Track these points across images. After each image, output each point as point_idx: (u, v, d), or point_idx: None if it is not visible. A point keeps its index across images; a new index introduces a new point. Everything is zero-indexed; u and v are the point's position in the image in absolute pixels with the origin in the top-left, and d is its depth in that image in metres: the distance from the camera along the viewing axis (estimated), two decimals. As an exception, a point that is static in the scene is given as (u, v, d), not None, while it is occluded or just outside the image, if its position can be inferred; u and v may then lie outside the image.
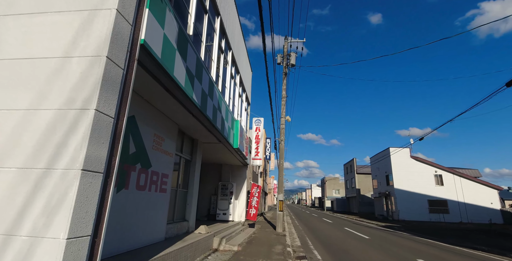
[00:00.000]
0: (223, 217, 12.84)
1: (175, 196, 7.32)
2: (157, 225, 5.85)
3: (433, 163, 26.89)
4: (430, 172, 26.67)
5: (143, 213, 5.25)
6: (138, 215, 5.06)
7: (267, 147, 31.44)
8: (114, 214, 4.31)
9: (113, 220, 4.30)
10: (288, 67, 16.42)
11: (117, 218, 4.40)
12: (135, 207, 4.96)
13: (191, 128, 7.43)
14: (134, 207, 4.92)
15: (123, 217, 4.57)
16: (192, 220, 8.05)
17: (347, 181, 47.35)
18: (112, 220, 4.27)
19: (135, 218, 4.94)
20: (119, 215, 4.46)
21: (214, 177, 14.17)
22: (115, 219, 4.34)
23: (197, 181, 8.52)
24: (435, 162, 27.27)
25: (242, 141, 10.94)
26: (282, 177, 14.53)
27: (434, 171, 26.50)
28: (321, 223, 21.00)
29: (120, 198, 4.48)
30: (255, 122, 14.76)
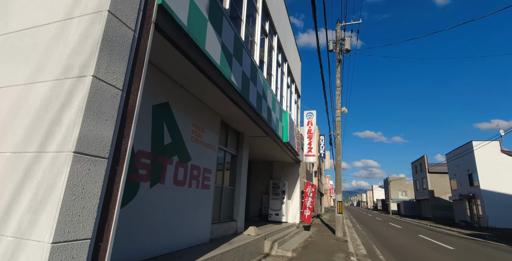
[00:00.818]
0: (275, 217, 12.01)
1: (221, 193, 6.75)
2: (200, 224, 5.29)
3: (534, 159, 21.55)
4: (530, 170, 21.48)
5: (183, 211, 4.72)
6: (177, 213, 4.54)
7: (321, 145, 29.65)
8: (147, 212, 3.83)
9: (146, 219, 3.81)
10: (342, 53, 14.82)
11: (150, 216, 3.91)
12: (172, 204, 4.44)
13: (235, 120, 6.78)
14: (171, 204, 4.41)
15: (158, 215, 4.08)
16: (240, 220, 7.40)
17: (417, 181, 41.93)
18: (145, 218, 3.78)
19: (173, 216, 4.43)
20: (153, 213, 3.96)
21: (265, 175, 13.45)
22: (148, 217, 3.86)
23: (244, 178, 7.86)
24: (536, 158, 21.83)
25: (293, 135, 9.96)
26: (340, 175, 13.04)
27: (535, 169, 21.24)
28: (388, 228, 18.56)
29: (154, 193, 3.99)
30: (306, 116, 13.59)
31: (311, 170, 25.53)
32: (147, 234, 3.82)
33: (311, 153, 13.04)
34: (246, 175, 8.01)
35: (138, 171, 3.68)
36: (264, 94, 6.77)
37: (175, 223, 4.48)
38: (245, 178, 7.95)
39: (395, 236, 13.90)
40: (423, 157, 38.52)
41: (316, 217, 24.74)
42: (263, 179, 13.40)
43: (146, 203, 3.81)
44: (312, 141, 13.18)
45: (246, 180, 7.99)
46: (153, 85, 4.07)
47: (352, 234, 13.54)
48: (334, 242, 10.00)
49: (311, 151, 13.04)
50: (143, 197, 3.75)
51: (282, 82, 10.24)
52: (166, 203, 4.26)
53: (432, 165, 36.76)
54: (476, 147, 22.60)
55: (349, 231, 15.09)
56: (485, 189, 21.90)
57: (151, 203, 3.92)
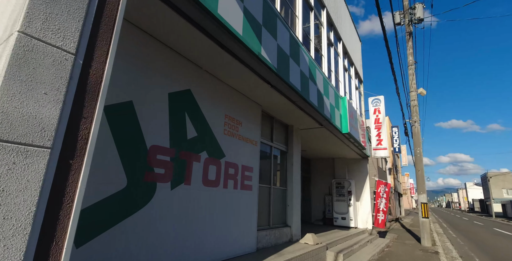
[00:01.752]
0: (342, 222, 10.50)
1: (269, 194, 5.88)
2: (243, 232, 4.52)
3: None
4: None
5: (218, 216, 4.02)
6: (209, 219, 3.86)
7: (395, 138, 26.06)
8: (168, 218, 3.22)
9: (169, 226, 3.20)
10: (413, 24, 12.36)
11: (175, 223, 3.30)
12: (203, 208, 3.78)
13: (279, 109, 5.84)
14: (202, 208, 3.75)
15: (185, 221, 3.44)
16: (296, 225, 6.39)
17: (529, 178, 33.26)
18: (167, 226, 3.18)
19: (204, 223, 3.75)
20: (178, 219, 3.35)
21: (326, 174, 12.03)
22: (172, 224, 3.25)
23: (297, 176, 6.82)
24: None
25: (355, 125, 8.44)
26: (422, 171, 10.71)
27: None
28: (494, 236, 14.74)
29: (177, 196, 3.38)
30: (372, 103, 11.67)
31: (384, 166, 22.53)
32: (171, 243, 3.21)
33: (381, 146, 11.07)
34: (299, 174, 6.96)
35: (153, 169, 3.11)
36: (312, 76, 5.65)
37: (208, 230, 3.80)
38: (299, 177, 6.91)
39: (506, 247, 10.71)
40: (537, 146, 30.28)
41: (395, 221, 21.62)
42: (324, 178, 12.01)
43: (166, 208, 3.21)
44: (381, 132, 11.20)
45: (299, 179, 6.94)
46: (168, 70, 3.48)
47: (444, 243, 10.98)
48: (421, 254, 8.05)
49: (380, 144, 11.07)
50: (162, 200, 3.16)
51: (337, 64, 8.83)
52: (193, 207, 3.61)
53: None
54: None
55: (440, 238, 12.37)
56: None
57: (173, 207, 3.30)
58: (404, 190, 37.56)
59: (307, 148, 10.08)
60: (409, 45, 12.16)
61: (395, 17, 12.90)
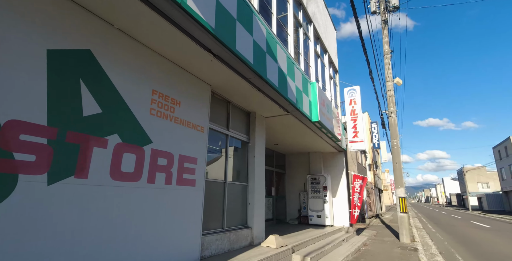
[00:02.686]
0: (317, 220, 9.79)
1: (223, 191, 4.99)
2: (179, 238, 3.60)
3: None
4: None
5: (138, 219, 3.08)
6: (124, 224, 2.91)
7: (374, 134, 25.94)
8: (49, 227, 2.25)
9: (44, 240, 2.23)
10: (388, 11, 11.89)
11: (57, 235, 2.33)
12: (113, 209, 2.82)
13: (234, 91, 4.96)
14: (110, 210, 2.79)
15: (78, 231, 2.48)
16: (258, 226, 5.54)
17: (502, 169, 34.38)
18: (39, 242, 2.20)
19: (114, 230, 2.80)
20: (63, 229, 2.38)
21: (302, 170, 11.30)
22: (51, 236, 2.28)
23: (261, 171, 5.98)
24: None
25: (329, 115, 7.73)
26: (400, 164, 10.21)
27: None
28: (472, 229, 14.61)
29: (62, 195, 2.41)
30: (348, 94, 11.05)
31: (364, 162, 22.25)
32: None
33: (357, 138, 10.47)
34: (263, 167, 6.11)
35: (12, 155, 2.13)
36: (271, 51, 4.81)
37: (119, 242, 2.85)
38: (263, 171, 6.06)
39: (484, 239, 10.42)
40: (508, 139, 31.25)
41: (375, 217, 21.38)
42: (300, 174, 11.28)
43: (38, 212, 2.23)
44: (357, 124, 10.60)
45: (263, 174, 6.09)
46: (51, 21, 2.50)
47: (423, 238, 10.53)
48: (399, 252, 7.44)
49: (357, 136, 10.48)
50: (29, 200, 2.19)
51: (307, 48, 8.08)
52: (94, 210, 2.65)
53: (524, 148, 29.53)
54: None
55: (419, 233, 11.97)
56: None
57: (52, 211, 2.33)
58: (385, 186, 37.87)
59: (278, 141, 9.30)
60: (385, 34, 11.67)
61: (370, 5, 12.42)
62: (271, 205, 10.18)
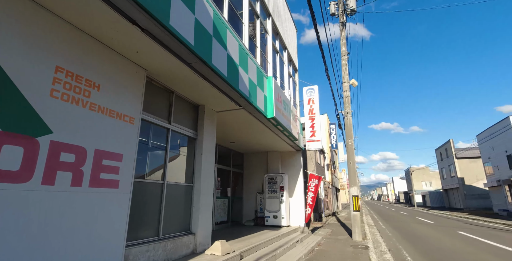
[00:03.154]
0: (273, 221, 9.51)
1: (161, 193, 4.35)
2: (91, 254, 2.90)
3: None
4: None
5: (22, 233, 2.34)
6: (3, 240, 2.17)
7: (332, 135, 26.84)
8: None
9: None
10: (346, 14, 12.13)
11: None
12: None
13: (175, 78, 4.36)
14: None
15: None
16: (203, 232, 4.98)
17: (443, 169, 38.08)
18: None
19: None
20: None
21: (260, 169, 10.98)
22: None
23: (209, 170, 5.43)
24: None
25: (286, 113, 7.46)
26: (354, 163, 10.38)
27: None
28: (418, 225, 15.64)
29: None
30: (306, 93, 11.00)
31: (322, 162, 22.81)
32: None
33: (314, 138, 10.45)
34: (213, 166, 5.57)
35: None
36: (218, 34, 4.31)
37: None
38: (212, 171, 5.52)
39: (428, 235, 11.08)
40: (448, 142, 34.71)
41: (332, 215, 22.01)
42: (258, 174, 10.94)
43: None
44: (315, 123, 10.59)
45: (213, 174, 5.55)
46: None
47: (374, 235, 10.85)
48: (351, 251, 7.42)
49: (314, 135, 10.45)
50: None
51: (265, 41, 7.74)
52: None
53: (460, 149, 32.99)
54: (516, 123, 19.07)
55: (371, 231, 12.38)
56: (531, 172, 18.39)
57: None
58: (342, 185, 39.61)
59: (235, 139, 8.82)
60: (343, 36, 11.89)
61: (330, 7, 12.59)
62: (226, 206, 9.65)
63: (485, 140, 23.93)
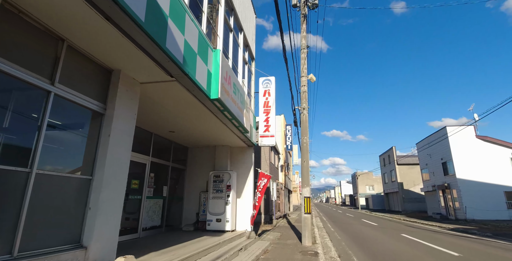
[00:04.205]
0: (216, 225, 8.26)
1: (23, 188, 2.83)
2: None
3: (509, 144, 20.24)
4: (506, 156, 20.09)
5: None
6: None
7: (288, 136, 26.60)
8: None
9: None
10: (308, 6, 11.56)
11: None
12: None
13: (56, 11, 2.91)
14: None
15: None
16: (104, 244, 3.53)
17: (385, 175, 40.84)
18: None
19: None
20: None
21: (207, 165, 9.67)
22: None
23: (121, 158, 3.99)
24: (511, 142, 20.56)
25: (237, 99, 6.34)
26: (307, 162, 9.69)
27: (511, 154, 19.97)
28: (363, 227, 15.78)
29: None
30: (262, 84, 10.06)
31: (276, 163, 22.25)
32: None
33: (268, 133, 9.53)
34: (128, 154, 4.15)
35: None
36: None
37: None
38: (125, 160, 4.08)
39: (375, 238, 10.93)
40: (391, 149, 37.33)
41: (283, 217, 21.49)
42: (204, 171, 9.60)
43: None
44: (270, 117, 9.69)
45: (127, 164, 4.12)
46: None
47: (323, 239, 10.29)
48: (300, 259, 6.55)
49: (268, 130, 9.54)
50: None
51: (215, 12, 6.53)
52: None
53: (400, 156, 35.66)
54: (451, 133, 20.82)
55: (320, 233, 11.88)
56: (461, 178, 20.19)
57: None
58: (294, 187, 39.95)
59: (174, 127, 7.40)
60: (303, 28, 11.28)
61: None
62: (160, 208, 8.12)
63: (424, 148, 25.93)
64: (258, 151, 17.79)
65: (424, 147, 25.89)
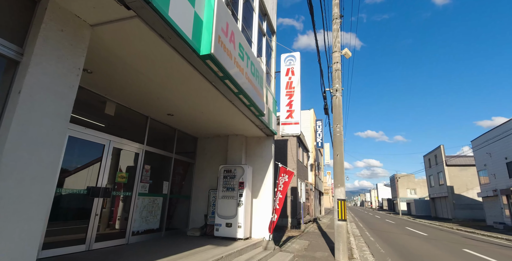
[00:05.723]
0: (226, 231, 6.70)
1: None
2: None
3: None
4: None
5: None
6: None
7: (318, 132, 24.37)
8: None
9: None
10: (340, -33, 9.58)
11: None
12: None
13: None
14: None
15: None
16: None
17: (431, 177, 36.36)
18: None
19: None
20: None
21: (218, 159, 8.18)
22: None
23: (42, 131, 2.56)
24: None
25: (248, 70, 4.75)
26: (342, 156, 7.75)
27: None
28: (410, 237, 13.21)
29: None
30: (285, 62, 8.32)
31: (305, 161, 20.22)
32: None
33: (291, 119, 7.76)
34: (55, 126, 2.71)
35: None
36: None
37: None
38: (54, 136, 2.65)
39: (431, 254, 8.57)
40: (438, 148, 32.96)
41: (313, 221, 19.40)
42: (215, 165, 8.13)
43: None
44: (293, 101, 7.91)
45: (57, 142, 2.68)
46: None
47: (363, 252, 8.24)
48: (332, 285, 4.72)
49: (291, 116, 7.76)
50: None
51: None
52: None
53: (450, 156, 31.29)
54: (520, 126, 17.11)
55: (357, 244, 9.79)
56: (535, 181, 16.46)
57: None
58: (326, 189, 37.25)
59: (171, 107, 5.99)
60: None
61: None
62: (159, 208, 6.78)
63: (481, 146, 22.05)
64: (284, 147, 15.99)
65: (481, 145, 21.99)
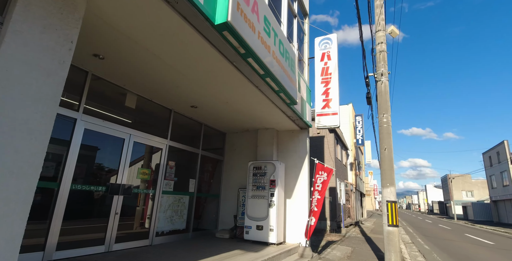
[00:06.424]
0: (256, 234, 6.03)
1: None
2: None
3: None
4: None
5: None
6: None
7: (358, 128, 22.64)
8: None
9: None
10: None
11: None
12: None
13: None
14: None
15: None
16: None
17: (492, 177, 31.89)
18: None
19: None
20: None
21: (248, 155, 7.56)
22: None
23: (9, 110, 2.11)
24: None
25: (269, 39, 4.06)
26: (391, 150, 6.62)
27: None
28: (473, 246, 11.28)
29: None
30: (320, 45, 7.41)
31: (344, 160, 18.79)
32: None
33: (328, 109, 6.83)
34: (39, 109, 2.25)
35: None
36: None
37: None
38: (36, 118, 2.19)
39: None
40: (502, 144, 28.69)
41: (354, 225, 17.91)
42: (244, 162, 7.53)
43: None
44: (330, 88, 6.97)
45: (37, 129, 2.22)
46: None
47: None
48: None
49: (328, 106, 6.83)
50: None
51: None
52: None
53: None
54: None
55: (410, 253, 8.46)
56: None
57: None
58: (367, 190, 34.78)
59: (191, 98, 5.50)
60: (378, -33, 8.15)
61: None
62: (185, 207, 6.35)
63: (561, 139, 18.42)
64: (320, 144, 14.90)
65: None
